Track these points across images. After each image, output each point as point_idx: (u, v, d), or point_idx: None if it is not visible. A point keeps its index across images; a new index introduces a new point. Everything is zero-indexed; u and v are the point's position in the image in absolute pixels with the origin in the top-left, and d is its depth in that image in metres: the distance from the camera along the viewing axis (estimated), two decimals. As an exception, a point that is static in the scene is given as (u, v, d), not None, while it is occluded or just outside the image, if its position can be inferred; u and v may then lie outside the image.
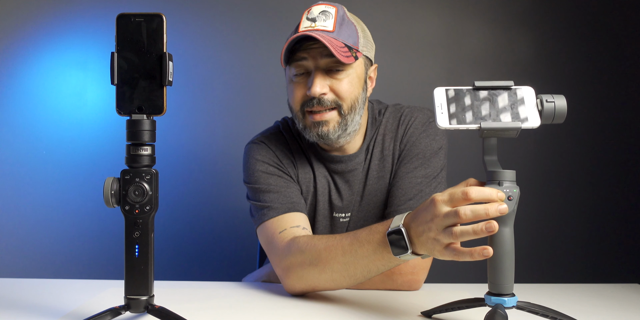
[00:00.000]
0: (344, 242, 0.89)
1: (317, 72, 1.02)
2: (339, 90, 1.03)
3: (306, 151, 1.16)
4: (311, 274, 0.93)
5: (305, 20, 1.03)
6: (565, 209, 1.93)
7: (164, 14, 0.72)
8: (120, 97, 0.72)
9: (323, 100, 1.03)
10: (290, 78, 1.06)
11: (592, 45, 1.93)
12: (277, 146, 1.15)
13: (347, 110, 1.05)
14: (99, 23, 1.85)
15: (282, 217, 1.04)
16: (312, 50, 1.02)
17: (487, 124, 0.72)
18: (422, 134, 1.13)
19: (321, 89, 1.01)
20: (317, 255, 0.91)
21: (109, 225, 1.84)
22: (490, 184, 0.72)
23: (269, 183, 1.09)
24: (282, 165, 1.13)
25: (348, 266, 0.88)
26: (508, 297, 0.72)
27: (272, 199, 1.06)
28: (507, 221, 0.71)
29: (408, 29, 1.92)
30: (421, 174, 1.11)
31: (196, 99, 1.88)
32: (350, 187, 1.15)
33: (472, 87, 0.73)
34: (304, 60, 1.03)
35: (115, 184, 0.72)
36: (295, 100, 1.06)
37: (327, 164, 1.15)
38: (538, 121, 0.72)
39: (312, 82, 1.01)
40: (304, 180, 1.15)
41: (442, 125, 0.73)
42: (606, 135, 1.93)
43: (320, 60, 1.02)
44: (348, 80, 1.04)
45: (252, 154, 1.14)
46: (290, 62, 1.04)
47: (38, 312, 0.84)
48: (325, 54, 1.01)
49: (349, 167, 1.14)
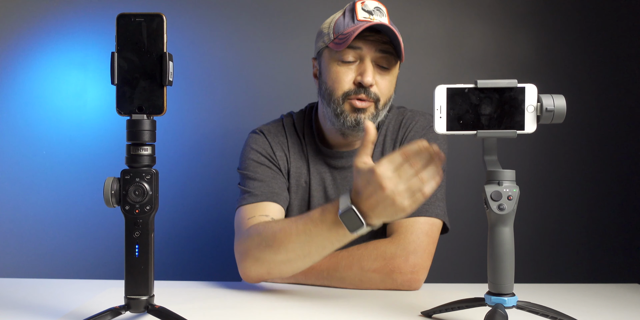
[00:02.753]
0: (299, 223, 0.92)
1: (370, 63, 1.06)
2: (382, 86, 1.07)
3: (305, 146, 1.19)
4: (266, 255, 0.96)
5: (362, 10, 1.05)
6: (565, 209, 1.93)
7: (164, 14, 0.72)
8: (121, 97, 0.72)
9: (369, 91, 1.06)
10: (337, 62, 1.08)
11: (593, 45, 1.93)
12: (274, 138, 1.19)
13: (382, 106, 1.09)
14: (99, 23, 1.85)
15: (256, 205, 1.08)
16: (368, 41, 1.05)
17: (483, 132, 0.73)
18: (422, 137, 1.15)
19: (372, 80, 1.05)
20: (273, 236, 0.95)
21: (109, 225, 1.84)
22: (490, 183, 0.72)
23: (256, 171, 1.14)
24: (273, 157, 1.16)
25: (303, 245, 0.91)
26: (508, 297, 0.72)
27: (254, 186, 1.11)
28: (507, 221, 0.71)
29: (408, 29, 1.92)
30: None
31: (196, 99, 1.88)
32: (347, 183, 1.17)
33: (473, 86, 0.73)
34: (359, 49, 1.05)
35: (116, 184, 0.72)
36: (341, 85, 1.07)
37: (326, 160, 1.18)
38: (534, 127, 0.72)
39: (366, 71, 1.05)
40: (295, 174, 1.17)
41: (439, 130, 0.73)
42: (606, 135, 1.93)
43: (375, 53, 1.05)
44: (389, 79, 1.08)
45: (249, 142, 1.19)
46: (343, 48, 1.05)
47: (38, 312, 0.84)
48: (380, 49, 1.05)
49: (349, 163, 1.17)
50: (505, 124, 0.73)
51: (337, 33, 1.06)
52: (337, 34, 1.06)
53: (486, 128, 0.73)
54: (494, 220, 0.71)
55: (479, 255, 1.03)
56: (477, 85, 0.73)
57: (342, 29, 1.06)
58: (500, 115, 0.73)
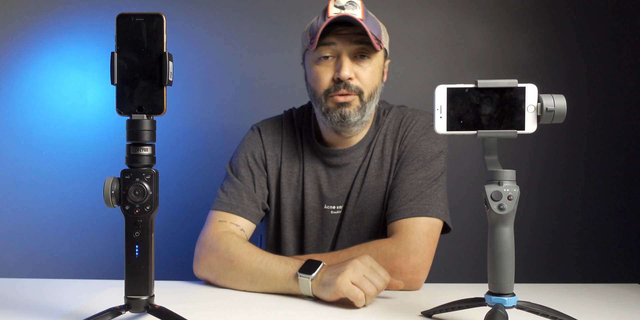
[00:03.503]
0: (268, 256, 0.99)
1: (347, 57, 1.06)
2: (362, 78, 1.08)
3: (301, 144, 1.20)
4: (222, 266, 1.01)
5: (334, 7, 1.06)
6: (565, 209, 1.93)
7: (164, 14, 0.72)
8: (121, 97, 0.72)
9: (349, 85, 1.07)
10: (315, 60, 1.09)
11: (593, 45, 1.93)
12: (269, 137, 1.21)
13: (367, 97, 1.09)
14: (99, 23, 1.84)
15: (228, 214, 1.13)
16: (342, 35, 1.06)
17: (483, 132, 0.73)
18: (422, 137, 1.16)
19: (350, 73, 1.06)
20: (239, 254, 1.00)
21: (109, 225, 1.84)
22: (490, 183, 0.72)
23: (238, 172, 1.17)
24: (263, 157, 1.19)
25: (255, 272, 0.97)
26: (508, 297, 0.72)
27: (229, 192, 1.15)
28: (507, 221, 0.71)
29: (408, 29, 1.91)
30: (422, 176, 1.12)
31: (196, 99, 1.88)
32: (342, 181, 1.18)
33: (474, 86, 0.73)
34: (333, 45, 1.06)
35: (116, 184, 0.72)
36: (321, 84, 1.09)
37: (322, 158, 1.18)
38: (534, 127, 0.72)
39: (342, 65, 1.05)
40: (286, 173, 1.19)
41: (439, 130, 0.73)
42: (606, 135, 1.93)
43: (350, 45, 1.06)
44: (371, 69, 1.08)
45: (245, 138, 1.23)
46: (319, 46, 1.07)
47: (38, 312, 0.84)
48: (355, 40, 1.06)
49: (344, 161, 1.17)
50: (505, 124, 0.73)
51: (312, 34, 1.08)
52: (312, 35, 1.08)
53: (486, 128, 0.73)
54: (494, 220, 0.71)
55: (479, 255, 1.03)
56: (477, 85, 0.73)
57: (315, 29, 1.07)
58: (500, 115, 0.73)
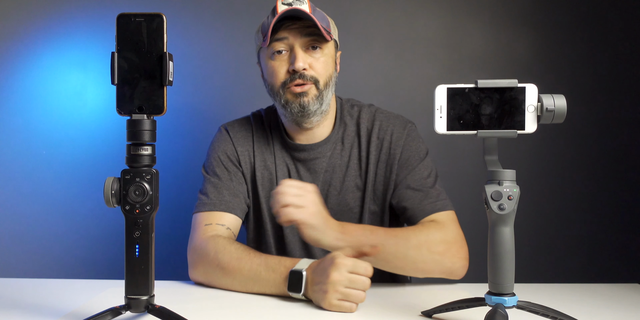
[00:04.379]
0: (254, 261, 0.99)
1: (299, 49, 1.10)
2: (316, 67, 1.11)
3: (272, 140, 1.22)
4: (214, 274, 1.03)
5: (281, 4, 1.09)
6: (565, 209, 1.93)
7: (164, 14, 0.72)
8: (121, 97, 0.72)
9: (304, 75, 1.10)
10: (269, 56, 1.13)
11: (593, 45, 1.93)
12: (237, 133, 1.24)
13: (323, 86, 1.13)
14: (99, 23, 1.84)
15: (211, 213, 1.13)
16: (293, 29, 1.10)
17: (483, 132, 0.73)
18: (407, 138, 1.19)
19: (304, 64, 1.09)
20: (228, 262, 1.01)
21: (109, 225, 1.84)
22: (490, 183, 0.72)
23: (214, 172, 1.19)
24: (235, 154, 1.21)
25: (247, 281, 0.98)
26: (508, 297, 0.72)
27: (208, 192, 1.16)
28: (507, 221, 0.71)
29: (408, 29, 1.91)
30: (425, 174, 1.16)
31: (196, 99, 1.88)
32: (311, 175, 1.20)
33: (474, 86, 0.73)
34: (285, 39, 1.10)
35: (116, 184, 0.72)
36: (277, 77, 1.13)
37: (290, 152, 1.21)
38: (534, 127, 0.72)
39: (296, 57, 1.09)
40: (260, 167, 1.21)
41: (439, 130, 0.73)
42: (606, 135, 1.93)
43: (301, 38, 1.10)
44: (324, 59, 1.13)
45: (213, 140, 1.25)
46: (272, 42, 1.11)
47: (38, 312, 0.84)
48: (306, 33, 1.10)
49: (312, 155, 1.20)
50: (505, 124, 0.73)
51: (263, 32, 1.12)
52: (264, 32, 1.12)
53: (486, 128, 0.73)
54: (494, 220, 0.71)
55: (479, 255, 1.03)
56: (477, 85, 0.73)
57: (266, 26, 1.11)
58: (500, 115, 0.73)
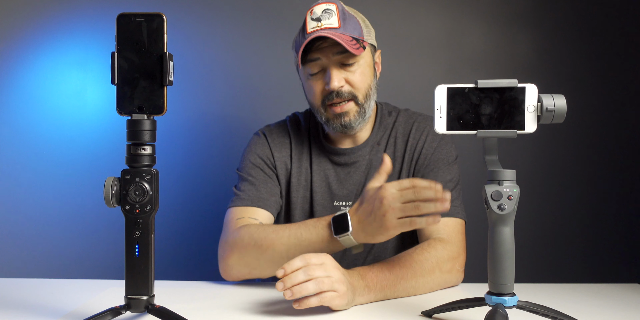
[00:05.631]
0: (292, 227, 0.99)
1: (332, 68, 1.10)
2: (353, 82, 1.11)
3: (309, 145, 1.22)
4: (252, 254, 1.01)
5: (311, 21, 1.09)
6: (565, 209, 1.93)
7: (164, 14, 0.72)
8: (121, 97, 0.72)
9: (341, 93, 1.10)
10: (307, 77, 1.14)
11: (593, 45, 1.93)
12: (275, 139, 1.23)
13: (363, 99, 1.13)
14: (99, 23, 1.84)
15: (245, 208, 1.13)
16: (324, 49, 1.09)
17: (483, 132, 0.73)
18: (442, 141, 1.20)
19: (339, 83, 1.09)
20: (265, 237, 1.00)
21: (109, 225, 1.84)
22: (490, 183, 0.72)
23: (250, 173, 1.19)
24: (271, 159, 1.21)
25: (290, 247, 0.97)
26: (508, 297, 0.72)
27: (245, 189, 1.16)
28: (507, 221, 0.71)
29: (408, 29, 1.91)
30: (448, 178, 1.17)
31: (196, 99, 1.88)
32: (351, 178, 1.20)
33: (474, 86, 0.73)
34: (318, 60, 1.10)
35: (116, 184, 0.73)
36: (315, 97, 1.13)
37: (330, 157, 1.21)
38: (534, 127, 0.72)
39: (330, 77, 1.09)
40: (296, 173, 1.21)
41: (439, 130, 0.73)
42: (606, 135, 1.93)
43: (333, 57, 1.09)
44: (360, 71, 1.12)
45: (250, 144, 1.24)
46: (306, 63, 1.11)
47: (38, 312, 0.84)
48: (337, 51, 1.08)
49: (352, 159, 1.20)
50: (505, 124, 0.73)
51: (296, 50, 1.13)
52: (297, 51, 1.12)
53: (486, 128, 0.73)
54: (494, 220, 0.71)
55: (479, 255, 1.03)
56: (477, 85, 0.73)
57: (297, 47, 1.11)
58: (500, 115, 0.73)
